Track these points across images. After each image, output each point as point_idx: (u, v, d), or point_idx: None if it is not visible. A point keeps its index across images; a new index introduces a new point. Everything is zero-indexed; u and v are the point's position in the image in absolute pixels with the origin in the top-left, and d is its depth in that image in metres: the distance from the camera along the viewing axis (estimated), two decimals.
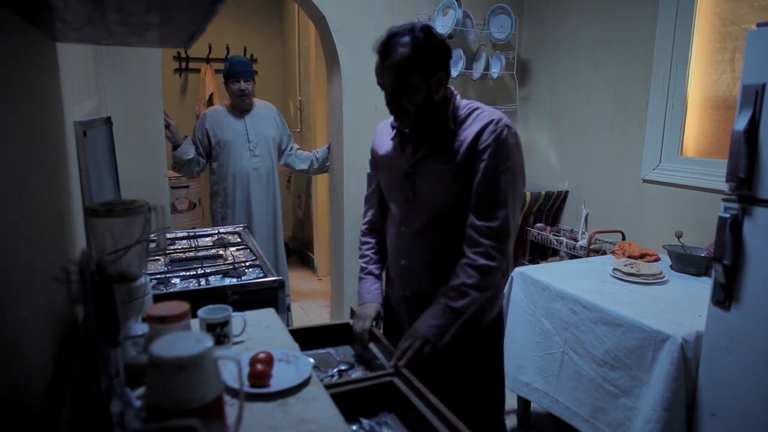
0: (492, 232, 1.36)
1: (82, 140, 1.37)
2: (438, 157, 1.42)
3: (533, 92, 3.49)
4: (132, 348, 0.98)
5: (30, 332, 0.77)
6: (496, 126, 1.36)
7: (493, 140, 1.35)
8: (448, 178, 1.41)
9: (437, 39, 1.36)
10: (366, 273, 1.64)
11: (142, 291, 1.12)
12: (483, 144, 1.35)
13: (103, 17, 0.81)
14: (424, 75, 1.34)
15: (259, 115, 3.24)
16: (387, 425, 1.15)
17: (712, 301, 1.66)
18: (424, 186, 1.45)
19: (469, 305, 1.37)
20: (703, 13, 2.52)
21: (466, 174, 1.38)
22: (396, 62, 1.32)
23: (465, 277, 1.37)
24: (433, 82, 1.36)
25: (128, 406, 0.78)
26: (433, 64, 1.35)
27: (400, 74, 1.33)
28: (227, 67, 3.12)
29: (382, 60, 1.36)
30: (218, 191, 3.18)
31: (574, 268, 2.40)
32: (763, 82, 1.51)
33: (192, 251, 2.28)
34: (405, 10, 3.19)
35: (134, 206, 1.07)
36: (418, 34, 1.32)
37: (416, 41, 1.32)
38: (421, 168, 1.45)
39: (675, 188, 2.58)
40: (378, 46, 1.36)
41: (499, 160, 1.35)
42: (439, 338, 1.36)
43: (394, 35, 1.34)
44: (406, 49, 1.31)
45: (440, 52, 1.36)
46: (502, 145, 1.35)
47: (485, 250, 1.36)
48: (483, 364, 1.55)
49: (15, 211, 0.73)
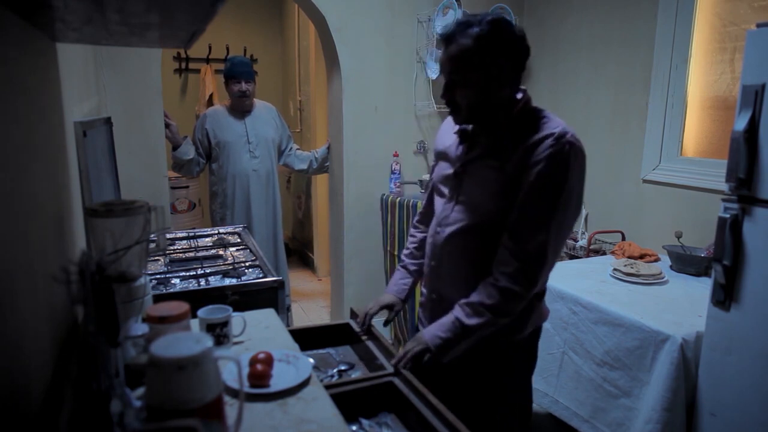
0: (523, 254, 1.23)
1: (82, 140, 1.37)
2: (490, 161, 1.29)
3: (533, 92, 3.45)
4: (132, 348, 0.98)
5: (30, 332, 0.77)
6: (557, 141, 1.20)
7: (548, 155, 1.20)
8: (495, 185, 1.28)
9: (506, 35, 1.23)
10: (402, 266, 1.60)
11: (142, 291, 1.12)
12: (537, 157, 1.21)
13: (103, 17, 0.81)
14: (482, 71, 1.23)
15: (259, 116, 3.23)
16: (387, 425, 1.15)
17: (711, 302, 1.66)
18: (469, 188, 1.34)
19: (481, 326, 1.27)
20: (702, 14, 2.52)
21: (514, 185, 1.24)
22: (454, 53, 1.24)
23: (485, 296, 1.27)
24: (493, 80, 1.24)
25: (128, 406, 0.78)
26: (495, 61, 1.23)
27: (456, 66, 1.25)
28: (228, 67, 3.12)
29: (444, 48, 1.27)
30: (217, 192, 3.18)
31: (574, 269, 2.40)
32: (762, 83, 1.51)
33: (192, 251, 2.28)
34: (405, 10, 3.19)
35: (134, 206, 1.07)
36: (485, 26, 1.21)
37: (480, 33, 1.21)
38: (471, 169, 1.34)
39: (675, 188, 2.59)
40: (444, 34, 1.28)
41: (550, 178, 1.20)
42: (441, 350, 1.29)
43: (461, 24, 1.25)
44: (468, 40, 1.22)
45: (507, 49, 1.24)
46: (560, 163, 1.20)
47: (512, 272, 1.24)
48: (507, 381, 1.43)
49: (15, 211, 0.73)
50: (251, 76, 3.12)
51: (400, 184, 3.25)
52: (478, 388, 1.41)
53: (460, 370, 1.36)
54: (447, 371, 1.34)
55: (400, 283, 1.57)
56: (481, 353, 1.35)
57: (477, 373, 1.40)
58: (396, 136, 3.29)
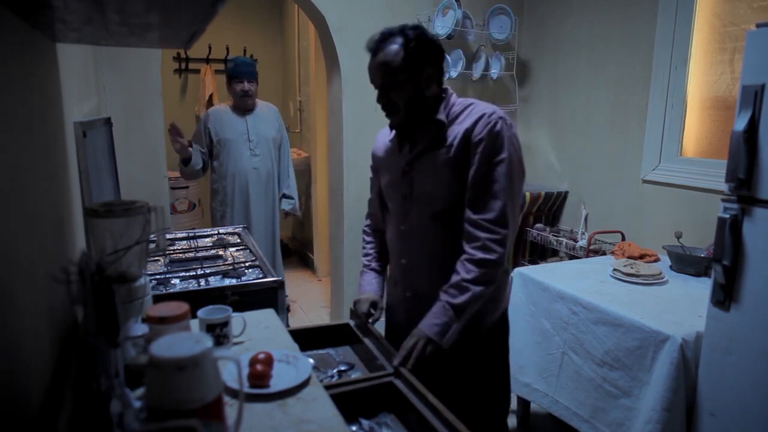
0: (488, 224, 1.36)
1: (82, 141, 1.38)
2: (433, 153, 1.43)
3: (533, 93, 3.49)
4: (132, 348, 0.98)
5: (30, 332, 0.77)
6: (489, 118, 1.37)
7: (486, 132, 1.35)
8: (445, 173, 1.41)
9: (427, 37, 1.39)
10: (368, 269, 1.67)
11: (142, 291, 1.12)
12: (477, 137, 1.36)
13: (102, 18, 0.81)
14: (412, 70, 1.37)
15: (261, 115, 3.25)
16: (387, 426, 1.15)
17: (711, 302, 1.66)
18: (421, 182, 1.46)
19: (470, 301, 1.36)
20: (702, 14, 2.52)
21: (462, 168, 1.39)
22: (384, 59, 1.37)
23: (464, 272, 1.37)
24: (423, 78, 1.39)
25: (128, 406, 0.78)
26: (421, 61, 1.38)
27: (388, 70, 1.37)
28: (231, 67, 3.13)
29: (372, 57, 1.41)
30: (218, 189, 3.20)
31: (574, 269, 2.40)
32: (762, 83, 1.51)
33: (192, 252, 2.28)
34: (405, 10, 3.19)
35: (134, 207, 1.07)
36: (408, 32, 1.37)
37: (405, 38, 1.36)
38: (418, 165, 1.46)
39: (674, 188, 2.59)
40: (369, 45, 1.41)
41: (493, 151, 1.36)
42: (441, 336, 1.35)
43: (385, 34, 1.39)
44: (395, 45, 1.36)
45: (429, 49, 1.39)
46: (496, 137, 1.36)
47: (482, 243, 1.36)
48: (487, 364, 1.54)
49: (15, 211, 0.73)
50: (254, 76, 3.14)
51: None
52: (458, 377, 1.48)
53: (441, 360, 1.39)
54: (431, 363, 1.37)
55: (374, 282, 1.64)
56: (459, 341, 1.41)
57: (456, 361, 1.46)
58: None
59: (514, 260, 3.33)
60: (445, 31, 3.10)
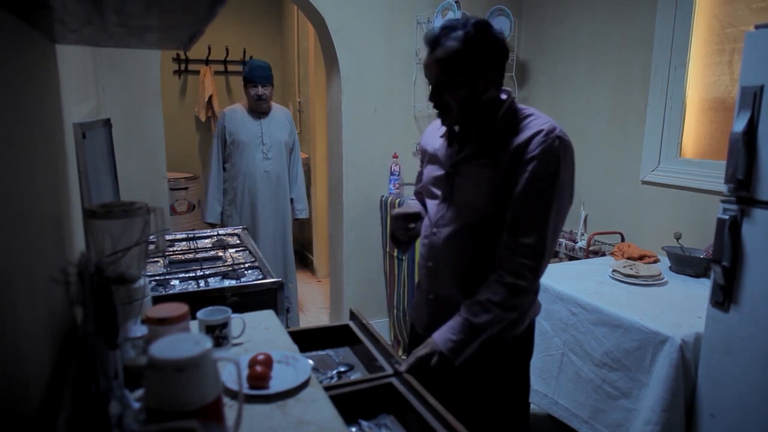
0: (526, 249, 1.27)
1: (81, 142, 1.37)
2: (481, 160, 1.33)
3: (532, 94, 3.49)
4: (131, 350, 0.98)
5: (28, 334, 0.77)
6: (547, 136, 1.25)
7: (540, 151, 1.24)
8: (489, 183, 1.31)
9: (490, 36, 1.28)
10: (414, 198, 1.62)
11: (141, 293, 1.12)
12: (530, 154, 1.25)
13: (102, 19, 0.81)
14: (469, 72, 1.27)
15: (276, 118, 3.28)
16: (386, 427, 1.15)
17: (711, 303, 1.67)
18: (462, 188, 1.37)
19: (491, 323, 1.29)
20: (701, 15, 2.52)
21: (508, 182, 1.28)
22: (441, 56, 1.26)
23: (491, 293, 1.29)
24: (480, 81, 1.29)
25: (127, 407, 0.78)
26: (481, 62, 1.27)
27: (444, 68, 1.27)
28: (247, 70, 3.17)
29: (429, 52, 1.30)
30: (227, 190, 3.22)
31: (574, 270, 2.40)
32: (761, 84, 1.51)
33: (191, 253, 2.28)
34: (404, 11, 3.19)
35: (133, 208, 1.07)
36: (470, 29, 1.25)
37: (466, 36, 1.25)
38: (463, 169, 1.37)
39: (674, 189, 2.59)
40: (428, 38, 1.30)
41: (544, 173, 1.25)
42: (454, 353, 1.30)
43: (446, 28, 1.28)
44: (454, 42, 1.25)
45: (491, 51, 1.29)
46: (551, 157, 1.24)
47: (516, 268, 1.28)
48: (507, 378, 1.46)
49: (14, 212, 0.73)
50: (269, 80, 3.17)
51: (400, 186, 3.25)
52: (480, 386, 1.42)
53: (463, 369, 1.36)
54: (451, 372, 1.34)
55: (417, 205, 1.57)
56: (483, 351, 1.36)
57: (479, 370, 1.40)
58: (395, 138, 3.29)
59: None
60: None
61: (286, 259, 3.33)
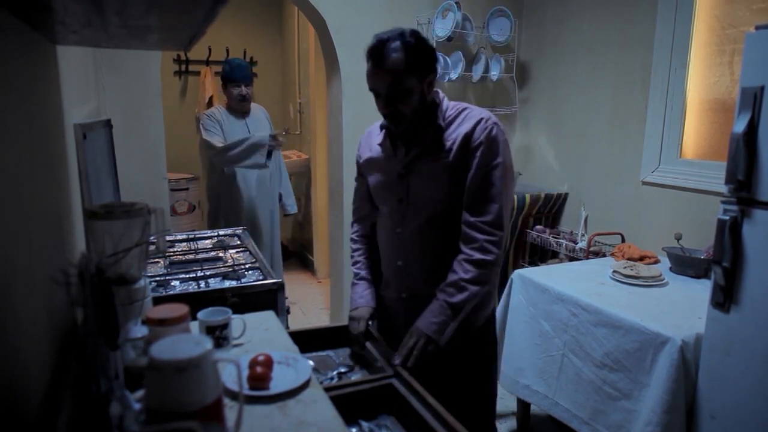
0: (486, 226, 1.39)
1: (81, 142, 1.37)
2: (431, 157, 1.44)
3: (532, 94, 3.49)
4: (131, 350, 0.98)
5: (29, 335, 0.77)
6: (486, 123, 1.40)
7: (485, 137, 1.39)
8: (442, 176, 1.43)
9: (425, 42, 1.40)
10: (359, 278, 1.64)
11: (142, 293, 1.12)
12: (476, 141, 1.39)
13: (102, 20, 0.82)
14: (418, 78, 1.37)
15: (257, 117, 3.28)
16: (386, 427, 1.15)
17: (711, 303, 1.66)
18: (418, 186, 1.46)
19: (468, 300, 1.39)
20: (701, 16, 2.52)
21: (460, 171, 1.41)
22: (391, 67, 1.34)
23: (462, 272, 1.39)
24: (426, 85, 1.40)
25: (127, 408, 0.78)
26: (425, 67, 1.38)
27: (395, 78, 1.35)
28: (227, 70, 3.13)
29: (375, 66, 1.36)
30: (220, 193, 3.20)
31: (574, 270, 2.40)
32: (761, 85, 1.51)
33: (191, 254, 2.28)
34: (404, 12, 3.19)
35: (134, 209, 1.07)
36: (409, 38, 1.35)
37: (408, 45, 1.34)
38: (415, 168, 1.46)
39: (674, 190, 2.59)
40: (370, 52, 1.37)
41: (490, 156, 1.39)
42: (439, 335, 1.37)
43: (385, 41, 1.35)
44: (400, 53, 1.34)
45: (430, 55, 1.40)
46: (493, 141, 1.39)
47: (480, 244, 1.39)
48: (476, 363, 1.55)
49: (14, 213, 0.73)
50: (250, 80, 3.15)
51: None
52: (454, 373, 1.49)
53: (439, 357, 1.40)
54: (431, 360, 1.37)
55: (365, 294, 1.61)
56: (455, 340, 1.42)
57: (453, 358, 1.47)
58: None
59: (514, 262, 3.33)
60: (445, 33, 3.10)
61: (274, 257, 3.35)
